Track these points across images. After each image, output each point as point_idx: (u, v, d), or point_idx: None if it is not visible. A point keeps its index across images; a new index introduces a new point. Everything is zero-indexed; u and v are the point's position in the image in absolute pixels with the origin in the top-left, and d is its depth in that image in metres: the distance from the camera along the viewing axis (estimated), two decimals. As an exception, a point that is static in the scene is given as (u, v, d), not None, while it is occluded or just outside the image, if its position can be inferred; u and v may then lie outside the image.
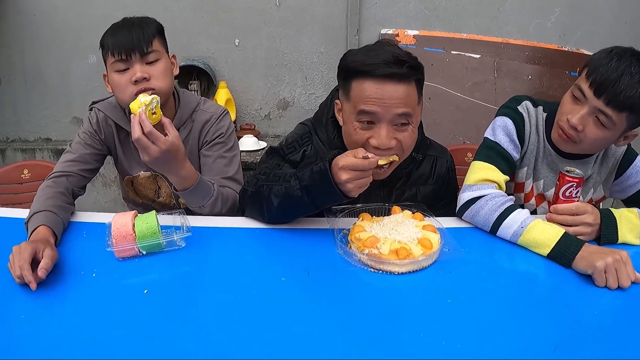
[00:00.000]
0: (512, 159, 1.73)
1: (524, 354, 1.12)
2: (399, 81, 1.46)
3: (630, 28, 3.47)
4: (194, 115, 1.88)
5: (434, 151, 1.81)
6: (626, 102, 1.49)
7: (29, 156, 3.58)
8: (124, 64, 1.66)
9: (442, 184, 1.81)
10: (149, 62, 1.68)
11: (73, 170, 1.76)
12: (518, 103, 1.77)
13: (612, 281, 1.35)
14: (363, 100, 1.47)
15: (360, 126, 1.52)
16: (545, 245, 1.48)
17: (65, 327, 1.16)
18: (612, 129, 1.55)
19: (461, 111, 3.41)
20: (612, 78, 1.49)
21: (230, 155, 1.89)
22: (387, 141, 1.50)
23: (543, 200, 1.85)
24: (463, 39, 3.35)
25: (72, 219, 1.64)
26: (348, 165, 1.36)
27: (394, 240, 1.42)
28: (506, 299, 1.33)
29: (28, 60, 3.43)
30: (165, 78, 1.72)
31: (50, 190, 1.63)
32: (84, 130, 1.86)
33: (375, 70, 1.45)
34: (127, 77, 1.66)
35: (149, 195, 2.00)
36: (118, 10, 3.21)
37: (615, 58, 1.51)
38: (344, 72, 1.53)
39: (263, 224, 1.63)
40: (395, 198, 1.72)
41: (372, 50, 1.51)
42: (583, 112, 1.56)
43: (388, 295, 1.31)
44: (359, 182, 1.38)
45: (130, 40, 1.65)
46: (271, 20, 3.37)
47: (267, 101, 3.58)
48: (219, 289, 1.32)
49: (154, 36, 1.70)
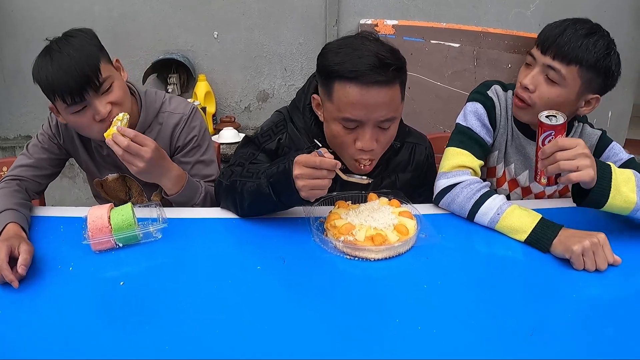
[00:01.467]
0: (485, 143, 1.74)
1: (501, 337, 1.13)
2: (384, 85, 1.43)
3: (610, 17, 3.48)
4: (160, 117, 1.77)
5: (413, 138, 1.80)
6: (571, 54, 1.52)
7: (9, 154, 3.53)
8: (79, 105, 1.53)
9: (420, 171, 1.81)
10: (104, 92, 1.56)
11: (27, 175, 1.70)
12: (487, 88, 1.78)
13: (589, 264, 1.35)
14: (348, 105, 1.45)
15: (343, 130, 1.50)
16: (522, 231, 1.49)
17: (42, 321, 1.16)
18: (564, 85, 1.56)
19: (441, 100, 3.42)
20: (556, 32, 1.55)
21: (208, 158, 1.83)
22: (370, 143, 1.49)
23: (516, 186, 1.87)
24: (442, 28, 3.36)
25: (49, 214, 1.63)
26: (301, 160, 1.35)
27: (370, 227, 1.42)
28: (483, 284, 1.34)
29: (7, 57, 3.39)
30: (125, 99, 1.61)
31: (6, 190, 1.58)
32: (43, 132, 1.77)
33: (359, 78, 1.41)
34: (89, 116, 1.55)
35: (119, 196, 1.93)
36: (96, 4, 3.18)
37: (560, 20, 1.58)
38: (325, 72, 1.49)
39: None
40: (373, 185, 1.69)
41: (355, 50, 1.44)
42: (533, 72, 1.60)
43: (364, 282, 1.32)
44: (311, 183, 1.35)
45: (78, 80, 1.49)
46: (250, 12, 3.36)
47: (246, 93, 3.57)
48: (195, 279, 1.32)
49: (99, 60, 1.54)
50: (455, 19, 3.42)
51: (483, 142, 1.73)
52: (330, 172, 1.35)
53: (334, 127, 1.52)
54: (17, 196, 1.58)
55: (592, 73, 1.55)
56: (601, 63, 1.53)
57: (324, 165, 1.33)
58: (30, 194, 1.69)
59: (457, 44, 3.38)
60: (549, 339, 1.12)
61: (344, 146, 1.53)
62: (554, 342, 1.12)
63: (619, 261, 1.39)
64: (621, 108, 3.73)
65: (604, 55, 1.53)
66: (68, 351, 1.07)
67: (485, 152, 1.76)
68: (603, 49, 1.52)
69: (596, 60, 1.52)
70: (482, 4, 3.44)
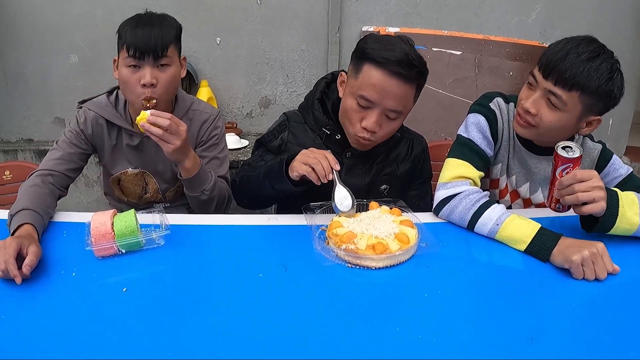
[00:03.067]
0: (485, 155, 1.75)
1: (501, 346, 1.13)
2: (404, 81, 1.60)
3: (611, 24, 3.51)
4: (190, 113, 1.94)
5: (411, 134, 1.96)
6: (573, 80, 1.52)
7: (11, 157, 3.54)
8: (136, 61, 1.69)
9: (418, 163, 1.94)
10: (159, 68, 1.72)
11: (59, 169, 1.78)
12: (490, 100, 1.79)
13: (589, 274, 1.37)
14: (369, 86, 1.61)
15: (357, 106, 1.65)
16: (522, 241, 1.50)
17: (44, 326, 1.16)
18: (565, 110, 1.57)
19: (442, 108, 3.42)
20: (558, 57, 1.54)
21: (223, 156, 1.99)
22: (374, 126, 1.64)
23: (518, 197, 1.88)
24: (444, 35, 3.37)
25: (52, 219, 1.64)
26: (304, 151, 1.56)
27: (371, 236, 1.43)
28: (483, 293, 1.35)
29: (9, 60, 3.40)
30: (171, 86, 1.77)
31: (39, 191, 1.64)
32: (70, 129, 1.88)
33: (386, 65, 1.58)
34: (137, 77, 1.71)
35: (136, 191, 2.03)
36: (98, 8, 3.19)
37: (563, 42, 1.57)
38: (361, 53, 1.64)
39: (241, 222, 1.65)
40: (375, 171, 1.86)
41: (392, 44, 1.62)
42: (535, 95, 1.60)
43: (365, 290, 1.33)
44: (306, 159, 1.52)
45: (148, 42, 1.68)
46: (252, 18, 3.37)
47: (248, 99, 3.58)
48: (197, 286, 1.33)
49: (170, 42, 1.73)
50: (456, 26, 3.43)
51: (484, 154, 1.74)
52: (326, 161, 1.51)
53: (350, 101, 1.67)
54: (47, 201, 1.63)
55: (594, 98, 1.55)
56: (603, 88, 1.53)
57: (327, 155, 1.52)
58: (61, 192, 1.78)
59: (458, 52, 3.39)
60: (548, 348, 1.12)
61: (352, 121, 1.68)
62: (553, 351, 1.12)
63: (618, 270, 1.40)
64: (622, 115, 3.73)
65: (607, 80, 1.52)
66: (70, 356, 1.07)
67: (486, 164, 1.77)
68: (606, 74, 1.52)
69: (597, 86, 1.52)
70: (483, 11, 3.46)
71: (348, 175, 1.78)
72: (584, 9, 3.48)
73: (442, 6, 3.41)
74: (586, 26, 3.46)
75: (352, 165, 1.81)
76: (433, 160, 2.04)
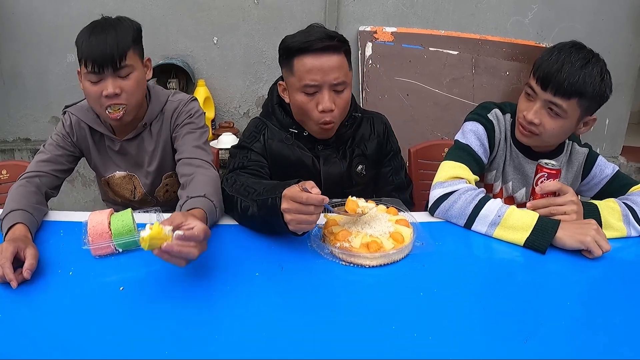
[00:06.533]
0: (482, 161, 1.80)
1: (496, 345, 1.14)
2: (332, 53, 1.69)
3: (608, 24, 3.52)
4: (164, 108, 1.90)
5: (369, 113, 2.04)
6: (571, 89, 1.58)
7: (8, 156, 3.55)
8: (96, 76, 1.65)
9: (383, 137, 2.00)
10: (121, 76, 1.67)
11: (46, 170, 1.76)
12: (488, 111, 1.85)
13: (605, 247, 1.47)
14: (305, 73, 1.69)
15: (306, 97, 1.73)
16: (524, 229, 1.53)
17: (42, 326, 1.16)
18: (567, 117, 1.64)
19: (439, 107, 3.43)
20: (555, 69, 1.59)
21: (200, 130, 1.87)
22: (329, 104, 1.71)
23: (513, 202, 1.90)
24: (441, 35, 3.38)
25: (49, 218, 1.64)
26: (289, 195, 1.36)
27: (366, 234, 1.44)
28: (479, 291, 1.35)
29: (6, 60, 3.41)
30: (136, 92, 1.72)
31: (25, 190, 1.63)
32: (57, 132, 1.87)
33: (312, 46, 1.68)
34: (99, 89, 1.66)
35: (125, 195, 2.02)
36: (96, 8, 3.20)
37: (555, 52, 1.62)
38: (286, 52, 1.74)
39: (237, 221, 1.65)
40: (349, 156, 1.91)
41: (306, 31, 1.73)
42: (536, 106, 1.66)
43: (359, 288, 1.33)
44: (298, 217, 1.35)
45: (104, 52, 1.62)
46: (249, 18, 3.38)
47: (245, 99, 3.58)
48: (194, 285, 1.33)
49: (128, 48, 1.67)
50: (453, 26, 3.44)
51: (480, 160, 1.79)
52: (318, 207, 1.34)
53: (298, 97, 1.74)
54: (34, 199, 1.62)
55: (590, 101, 1.62)
56: (597, 91, 1.60)
57: (310, 201, 1.33)
58: (49, 192, 1.76)
59: (455, 52, 3.40)
60: (542, 347, 1.13)
61: (309, 113, 1.75)
62: (547, 349, 1.12)
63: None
64: (618, 115, 3.74)
65: (599, 82, 1.59)
66: (67, 356, 1.07)
67: (481, 170, 1.82)
68: (598, 78, 1.59)
69: (593, 90, 1.59)
70: (480, 12, 3.47)
71: (327, 166, 1.87)
72: (581, 10, 3.50)
73: (439, 6, 3.43)
74: (582, 26, 3.48)
75: (328, 156, 1.87)
76: (430, 160, 2.05)
